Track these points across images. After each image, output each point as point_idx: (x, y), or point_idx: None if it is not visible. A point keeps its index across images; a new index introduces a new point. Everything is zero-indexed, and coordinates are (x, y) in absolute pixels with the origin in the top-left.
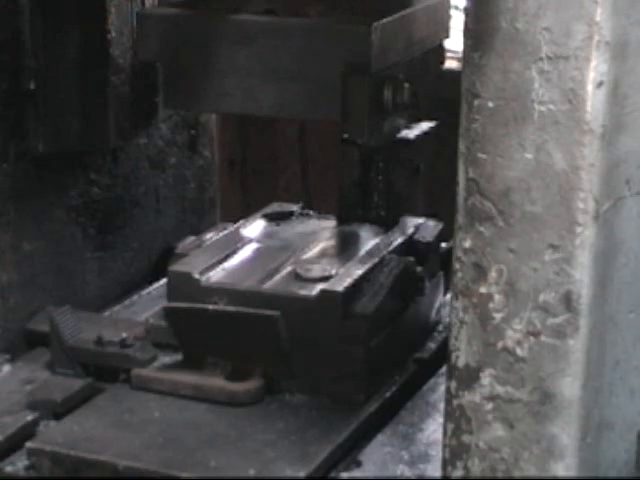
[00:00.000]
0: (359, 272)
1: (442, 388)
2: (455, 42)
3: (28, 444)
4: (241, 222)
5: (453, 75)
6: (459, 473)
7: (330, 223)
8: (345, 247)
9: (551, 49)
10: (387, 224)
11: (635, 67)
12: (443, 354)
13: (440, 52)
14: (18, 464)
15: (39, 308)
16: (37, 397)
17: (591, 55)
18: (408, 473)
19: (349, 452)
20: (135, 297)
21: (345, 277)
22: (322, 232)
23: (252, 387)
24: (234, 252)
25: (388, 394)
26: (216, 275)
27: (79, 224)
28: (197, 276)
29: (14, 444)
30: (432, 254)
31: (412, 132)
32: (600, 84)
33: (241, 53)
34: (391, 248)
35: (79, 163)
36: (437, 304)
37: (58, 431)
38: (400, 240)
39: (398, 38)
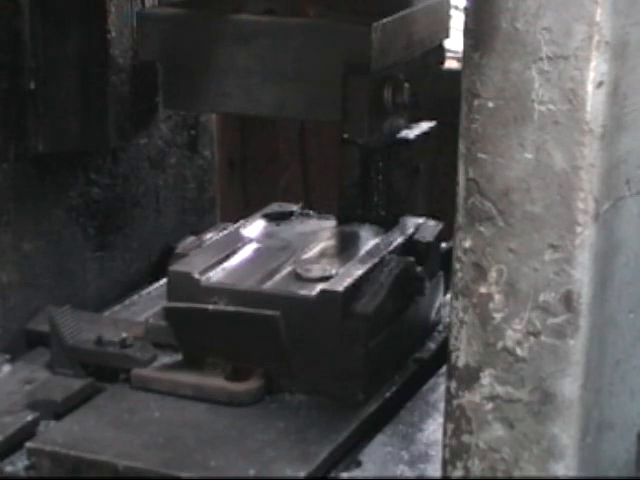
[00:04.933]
0: (359, 272)
1: (442, 388)
2: (455, 42)
3: (28, 444)
4: (241, 222)
5: (453, 75)
6: (459, 473)
7: (330, 223)
8: (345, 247)
9: (551, 49)
10: (387, 224)
11: (635, 67)
12: (443, 354)
13: (440, 52)
14: (18, 464)
15: (39, 308)
16: (37, 397)
17: (591, 55)
18: (408, 473)
19: (349, 452)
20: (135, 297)
21: (345, 277)
22: (322, 232)
23: (252, 387)
24: (234, 252)
25: (388, 394)
26: (216, 275)
27: (79, 224)
28: (197, 276)
29: (14, 444)
30: (432, 254)
31: (412, 132)
32: (600, 84)
33: (241, 53)
34: (391, 248)
35: (79, 163)
36: (437, 304)
37: (58, 431)
38: (400, 240)
39: (398, 38)
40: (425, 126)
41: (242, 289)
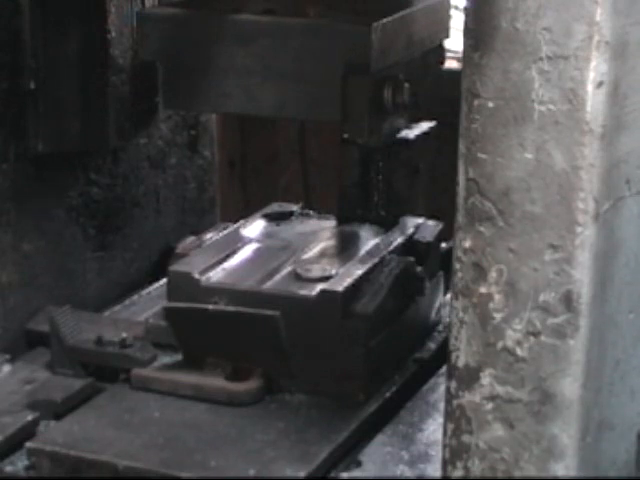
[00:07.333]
0: (359, 272)
1: (442, 388)
2: (455, 42)
3: (28, 444)
4: (241, 222)
5: (453, 75)
6: (459, 473)
7: (330, 223)
8: (345, 247)
9: (551, 49)
10: (387, 224)
11: (635, 67)
12: (443, 354)
13: (440, 52)
14: (18, 464)
15: (39, 308)
16: (37, 397)
17: (591, 55)
18: (408, 473)
19: (349, 452)
20: (135, 297)
21: (345, 277)
22: (322, 232)
23: (252, 387)
24: (234, 252)
25: (388, 394)
26: (216, 275)
27: (79, 224)
28: (197, 276)
29: (14, 444)
30: (432, 254)
31: (412, 132)
32: (600, 84)
33: (241, 53)
34: (391, 248)
35: (79, 163)
36: (437, 304)
37: (58, 431)
38: (400, 240)
39: (398, 38)
40: (425, 126)
41: (242, 289)
